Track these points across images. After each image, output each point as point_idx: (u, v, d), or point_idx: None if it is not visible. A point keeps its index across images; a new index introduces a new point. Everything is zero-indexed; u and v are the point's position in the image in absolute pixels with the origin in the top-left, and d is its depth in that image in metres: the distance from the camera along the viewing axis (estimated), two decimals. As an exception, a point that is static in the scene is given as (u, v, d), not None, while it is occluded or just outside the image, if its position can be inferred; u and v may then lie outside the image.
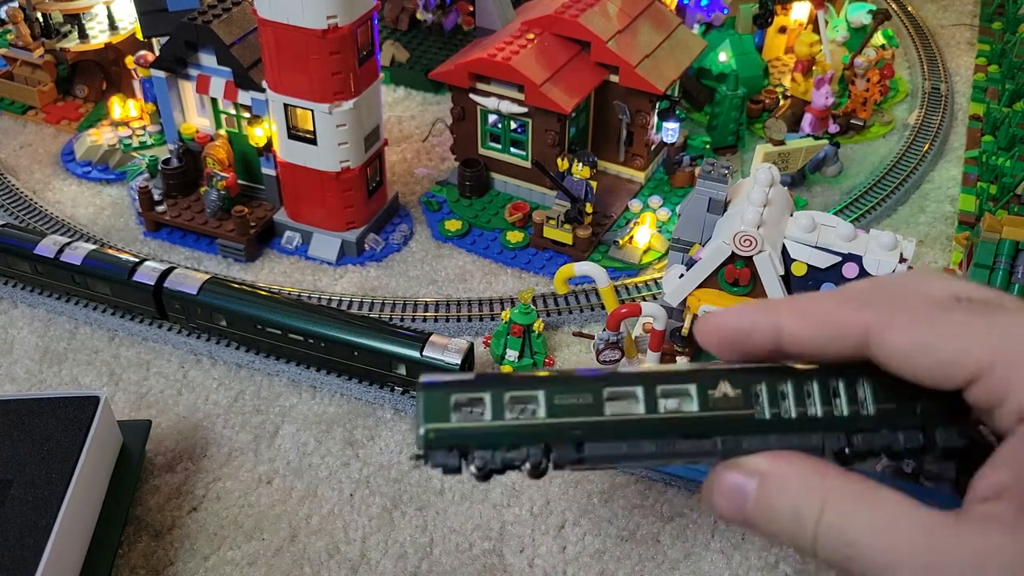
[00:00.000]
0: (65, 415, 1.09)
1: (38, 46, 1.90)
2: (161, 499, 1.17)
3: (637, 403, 0.42)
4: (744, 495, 0.39)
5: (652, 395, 0.42)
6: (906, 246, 1.15)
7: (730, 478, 0.40)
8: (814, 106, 1.84)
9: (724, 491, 0.40)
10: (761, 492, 0.39)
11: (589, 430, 0.42)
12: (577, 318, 1.47)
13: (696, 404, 0.42)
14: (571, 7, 1.64)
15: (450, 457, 0.42)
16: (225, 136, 1.61)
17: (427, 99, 2.03)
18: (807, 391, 0.41)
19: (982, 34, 2.28)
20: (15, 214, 1.63)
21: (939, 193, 1.76)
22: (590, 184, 1.54)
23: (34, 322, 1.44)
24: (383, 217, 1.64)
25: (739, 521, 0.40)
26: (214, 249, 1.59)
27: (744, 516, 0.39)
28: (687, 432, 0.42)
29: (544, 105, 1.54)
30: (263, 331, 1.32)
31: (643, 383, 0.42)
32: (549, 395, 0.42)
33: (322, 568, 1.10)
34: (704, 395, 0.42)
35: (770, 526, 0.39)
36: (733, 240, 1.11)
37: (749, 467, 0.40)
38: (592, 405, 0.42)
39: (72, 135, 1.87)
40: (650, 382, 0.42)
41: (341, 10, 1.35)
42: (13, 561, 0.94)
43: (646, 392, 0.42)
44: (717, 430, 0.41)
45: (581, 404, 0.42)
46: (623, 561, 1.11)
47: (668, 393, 0.42)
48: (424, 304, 1.47)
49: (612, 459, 0.42)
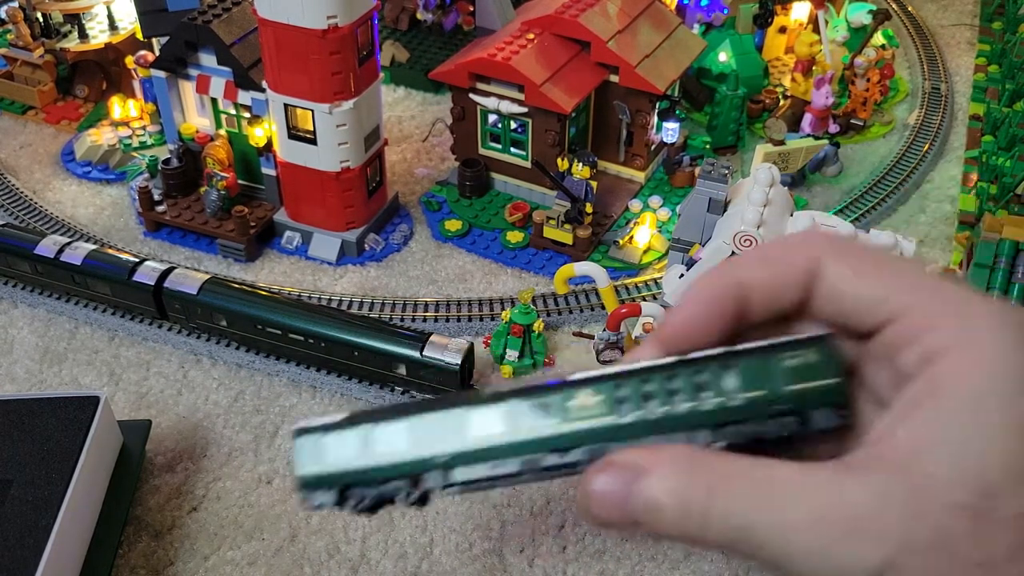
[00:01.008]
0: (65, 415, 1.09)
1: (38, 46, 1.90)
2: (161, 499, 1.17)
3: (499, 423, 0.41)
4: (622, 493, 0.37)
5: (514, 413, 0.41)
6: (906, 246, 1.15)
7: (603, 479, 0.37)
8: (814, 106, 1.84)
9: (599, 494, 0.37)
10: (641, 486, 0.36)
11: (452, 456, 0.42)
12: (577, 318, 1.47)
13: (558, 416, 0.41)
14: (571, 7, 1.64)
15: (328, 497, 0.43)
16: (225, 136, 1.61)
17: (427, 99, 2.03)
18: (674, 387, 0.40)
19: (982, 34, 2.28)
20: (15, 214, 1.63)
21: (939, 193, 1.76)
22: (590, 184, 1.54)
23: (34, 322, 1.44)
24: (383, 217, 1.64)
25: (621, 523, 0.37)
26: (214, 249, 1.59)
27: (625, 516, 0.37)
28: (550, 447, 0.41)
29: (544, 105, 1.54)
30: (263, 331, 1.32)
31: (504, 401, 0.42)
32: (413, 425, 0.42)
33: (322, 568, 1.10)
34: (565, 406, 0.41)
35: (656, 522, 0.36)
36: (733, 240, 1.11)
37: (623, 463, 0.37)
38: (455, 430, 0.42)
39: (72, 135, 1.87)
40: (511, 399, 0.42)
41: (341, 10, 1.35)
42: (13, 561, 0.94)
43: (507, 411, 0.41)
44: (580, 441, 0.40)
45: (445, 430, 0.42)
46: (623, 561, 1.11)
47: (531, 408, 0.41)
48: (424, 304, 1.47)
49: (483, 482, 0.42)
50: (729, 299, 0.39)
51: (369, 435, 0.43)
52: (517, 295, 1.39)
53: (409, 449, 0.42)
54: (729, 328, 0.40)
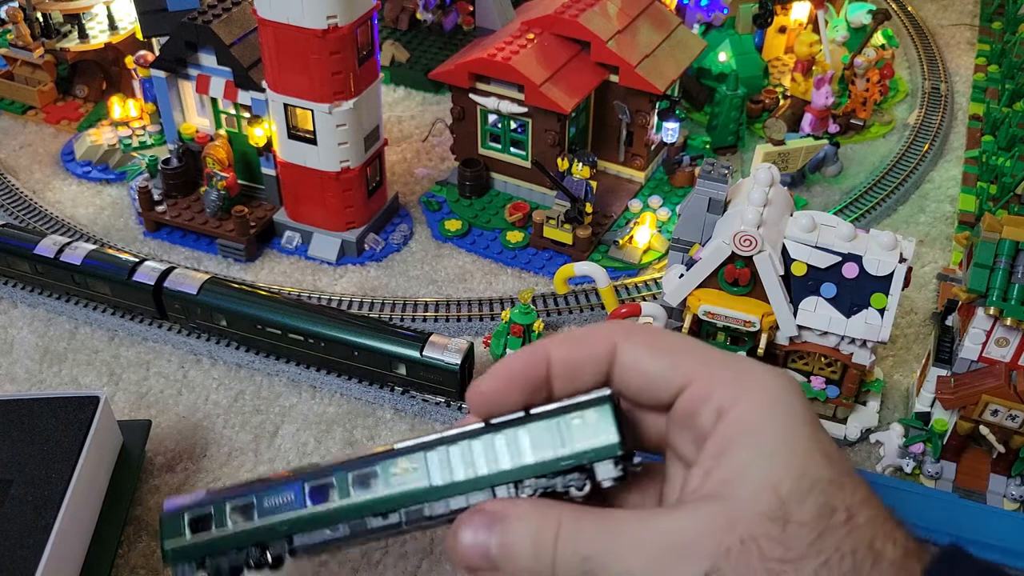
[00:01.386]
0: (65, 415, 1.09)
1: (38, 46, 1.90)
2: (161, 499, 1.17)
3: (334, 492, 0.47)
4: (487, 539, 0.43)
5: (345, 482, 0.47)
6: (906, 246, 1.15)
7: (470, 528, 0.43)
8: (814, 106, 1.84)
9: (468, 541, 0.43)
10: (503, 529, 0.42)
11: (292, 525, 0.48)
12: (577, 318, 1.47)
13: (381, 483, 0.47)
14: (571, 7, 1.64)
15: (189, 568, 0.49)
16: (225, 136, 1.61)
17: (427, 99, 2.03)
18: (472, 452, 0.45)
19: (982, 34, 2.28)
20: (15, 214, 1.63)
21: (939, 193, 1.76)
22: (590, 184, 1.54)
23: (34, 322, 1.44)
24: (383, 217, 1.64)
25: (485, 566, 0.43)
26: (214, 249, 1.59)
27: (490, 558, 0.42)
28: (374, 511, 0.46)
29: (544, 105, 1.54)
30: (263, 331, 1.32)
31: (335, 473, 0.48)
32: (259, 498, 0.48)
33: (322, 568, 1.10)
34: (387, 473, 0.47)
35: (514, 562, 0.42)
36: (733, 240, 1.11)
37: (487, 511, 0.43)
38: (294, 502, 0.48)
39: (72, 135, 1.87)
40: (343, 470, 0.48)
41: (341, 10, 1.35)
42: (13, 561, 0.94)
43: (339, 481, 0.47)
44: (399, 503, 0.46)
45: (286, 502, 0.48)
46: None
47: (359, 478, 0.47)
48: (424, 304, 1.47)
49: (320, 545, 0.48)
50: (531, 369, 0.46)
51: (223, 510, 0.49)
52: (517, 295, 1.39)
53: (255, 521, 0.48)
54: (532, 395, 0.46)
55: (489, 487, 0.45)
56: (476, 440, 0.46)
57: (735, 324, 1.16)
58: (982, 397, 1.12)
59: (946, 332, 1.30)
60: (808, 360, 1.23)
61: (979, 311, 1.11)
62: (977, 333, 1.13)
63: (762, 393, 0.41)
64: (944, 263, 1.59)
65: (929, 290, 1.53)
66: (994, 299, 1.09)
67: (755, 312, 1.15)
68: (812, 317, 1.16)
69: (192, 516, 0.49)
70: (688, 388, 0.43)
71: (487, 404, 0.46)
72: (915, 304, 1.50)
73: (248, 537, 0.48)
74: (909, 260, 1.14)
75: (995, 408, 1.13)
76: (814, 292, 1.15)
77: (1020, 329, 1.10)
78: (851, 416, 1.27)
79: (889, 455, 1.21)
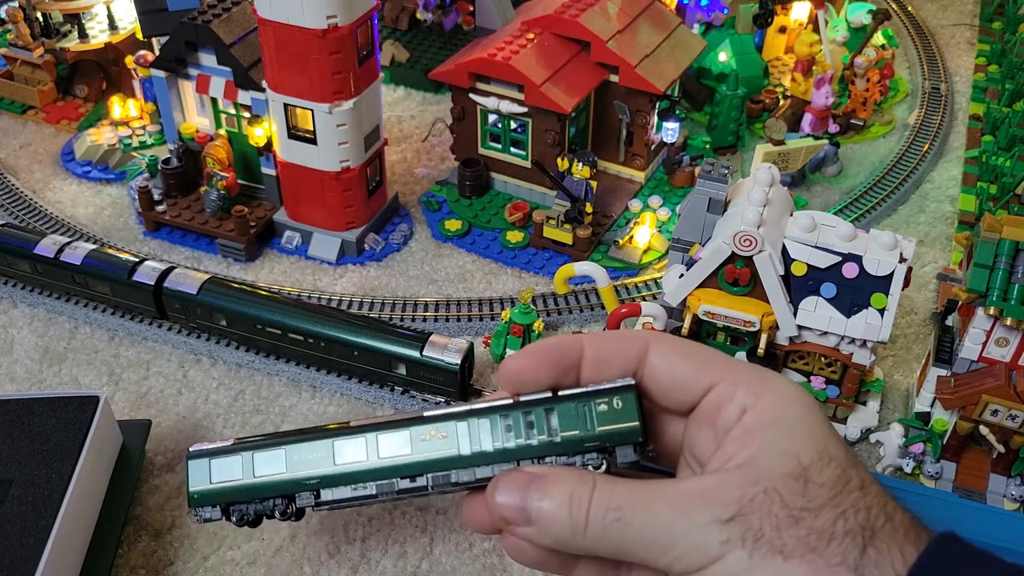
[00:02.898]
0: (65, 415, 1.10)
1: (38, 46, 1.90)
2: (161, 499, 1.17)
3: (363, 451, 0.50)
4: (525, 494, 0.46)
5: (374, 443, 0.50)
6: (906, 246, 1.15)
7: (510, 484, 0.47)
8: (814, 106, 1.84)
9: (506, 495, 0.47)
10: (541, 485, 0.46)
11: (321, 479, 0.50)
12: (577, 318, 1.47)
13: (409, 447, 0.49)
14: (571, 7, 1.64)
15: (213, 512, 0.51)
16: (225, 136, 1.61)
17: (427, 99, 2.03)
18: (508, 424, 0.49)
19: (982, 34, 2.28)
20: (15, 214, 1.63)
21: (939, 193, 1.76)
22: (590, 184, 1.54)
23: (34, 322, 1.44)
24: (383, 217, 1.64)
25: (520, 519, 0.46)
26: (214, 249, 1.59)
27: (526, 511, 0.46)
28: (402, 473, 0.49)
29: (544, 105, 1.54)
30: (263, 331, 1.32)
31: (366, 433, 0.50)
32: (289, 452, 0.50)
33: (322, 568, 1.10)
34: (416, 439, 0.50)
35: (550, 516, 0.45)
36: (733, 240, 1.11)
37: (527, 471, 0.47)
38: (325, 457, 0.50)
39: (72, 135, 1.87)
40: (373, 431, 0.50)
41: (341, 10, 1.35)
42: (13, 561, 0.94)
43: (368, 442, 0.50)
44: (426, 468, 0.49)
45: (316, 456, 0.50)
46: (623, 561, 1.11)
47: (389, 440, 0.50)
48: (424, 304, 1.47)
49: (347, 501, 0.50)
50: (564, 352, 0.49)
51: (251, 459, 0.51)
52: (517, 295, 1.39)
53: (284, 472, 0.50)
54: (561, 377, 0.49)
55: (516, 460, 0.48)
56: (508, 416, 0.49)
57: (735, 324, 1.16)
58: (982, 397, 1.13)
59: (946, 332, 1.30)
60: (808, 360, 1.23)
61: (979, 311, 1.11)
62: (977, 333, 1.13)
63: (783, 393, 0.47)
64: (944, 263, 1.59)
65: (929, 290, 1.53)
66: (994, 299, 1.09)
67: (755, 312, 1.15)
68: (812, 317, 1.16)
69: (219, 463, 0.51)
70: (714, 388, 0.47)
71: (518, 381, 0.49)
72: (915, 304, 1.50)
73: (277, 487, 0.50)
74: (909, 260, 1.14)
75: (995, 408, 1.13)
76: (814, 292, 1.15)
77: (1020, 329, 1.10)
78: (851, 416, 1.27)
79: (889, 455, 1.22)
